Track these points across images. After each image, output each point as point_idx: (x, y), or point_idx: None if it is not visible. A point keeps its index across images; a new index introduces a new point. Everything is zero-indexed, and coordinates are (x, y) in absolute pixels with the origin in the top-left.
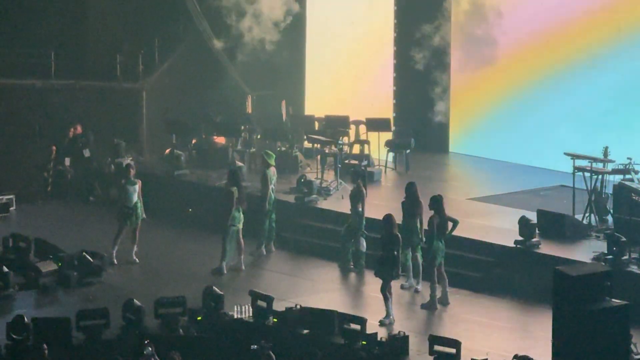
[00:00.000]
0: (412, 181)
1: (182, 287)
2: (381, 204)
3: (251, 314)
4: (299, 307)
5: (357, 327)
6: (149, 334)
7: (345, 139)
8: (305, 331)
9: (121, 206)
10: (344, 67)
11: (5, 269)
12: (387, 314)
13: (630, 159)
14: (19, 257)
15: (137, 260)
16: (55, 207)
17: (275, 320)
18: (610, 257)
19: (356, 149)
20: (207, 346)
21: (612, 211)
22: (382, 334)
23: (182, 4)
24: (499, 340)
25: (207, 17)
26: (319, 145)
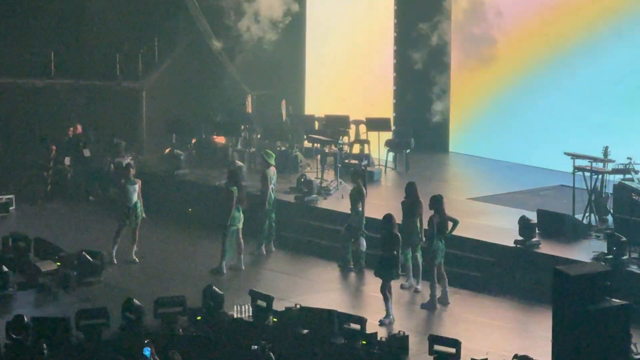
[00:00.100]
0: (412, 181)
1: (181, 287)
2: (381, 203)
3: (251, 314)
4: (298, 306)
5: (357, 326)
6: (149, 334)
7: (345, 139)
8: (305, 331)
9: (121, 206)
10: (344, 66)
11: (4, 269)
12: (387, 314)
13: (630, 158)
14: (18, 256)
15: (137, 259)
16: (55, 207)
17: (275, 320)
18: (610, 256)
19: (356, 149)
20: (206, 346)
21: (612, 211)
22: (382, 334)
23: (182, 4)
24: (499, 340)
25: (207, 16)
26: (319, 144)
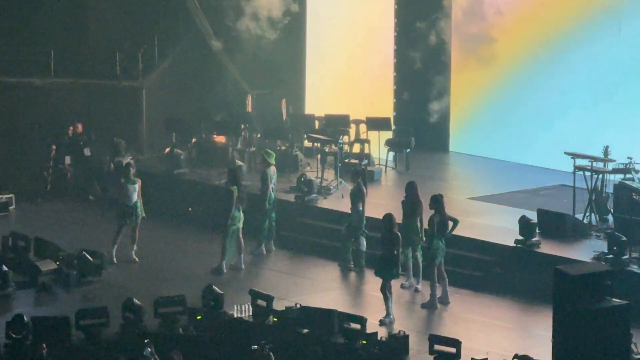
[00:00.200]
0: (412, 180)
1: (181, 286)
2: (381, 203)
3: (251, 313)
4: (299, 306)
5: (357, 326)
6: (149, 333)
7: (345, 138)
8: (305, 330)
9: (121, 205)
10: (345, 65)
11: (4, 268)
12: (387, 313)
13: (630, 158)
14: (18, 256)
15: (137, 259)
16: (54, 206)
17: (275, 319)
18: (610, 256)
19: (356, 148)
20: (206, 345)
21: (612, 210)
22: (382, 334)
23: (182, 3)
24: (499, 339)
25: (207, 15)
26: (319, 144)
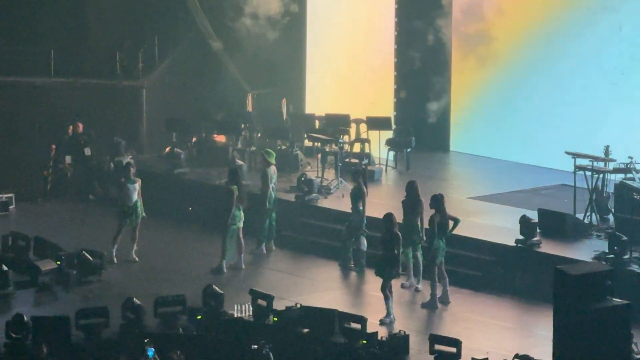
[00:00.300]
0: (412, 180)
1: (182, 286)
2: (382, 202)
3: (251, 313)
4: (299, 306)
5: (358, 326)
6: (149, 333)
7: (345, 138)
8: (305, 330)
9: (121, 205)
10: (345, 65)
11: (4, 268)
12: (388, 313)
13: (631, 158)
14: (18, 255)
15: (137, 258)
16: (54, 206)
17: (275, 319)
18: (611, 256)
19: (357, 148)
20: (207, 345)
21: (613, 210)
22: (382, 333)
23: (182, 3)
24: (500, 339)
25: (207, 15)
26: (319, 143)
